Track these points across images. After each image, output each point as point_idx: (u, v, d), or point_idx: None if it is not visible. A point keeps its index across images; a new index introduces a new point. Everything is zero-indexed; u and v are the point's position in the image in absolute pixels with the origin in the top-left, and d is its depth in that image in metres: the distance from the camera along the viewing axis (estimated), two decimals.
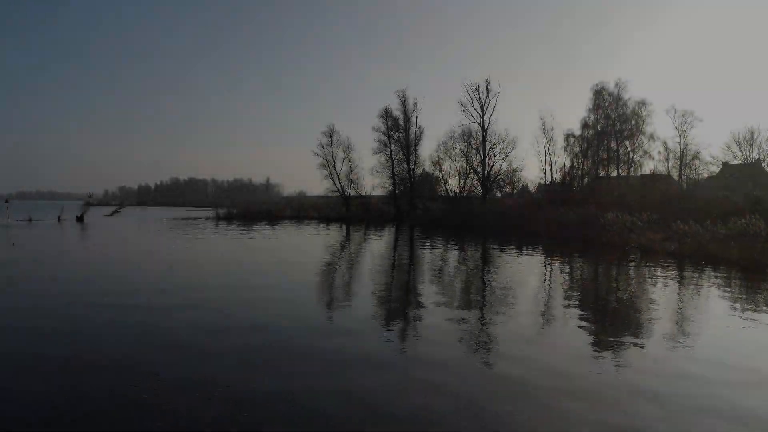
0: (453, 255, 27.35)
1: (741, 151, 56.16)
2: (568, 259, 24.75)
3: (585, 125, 58.22)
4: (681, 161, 48.45)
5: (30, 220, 50.80)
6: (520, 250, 28.88)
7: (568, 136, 57.01)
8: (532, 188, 73.86)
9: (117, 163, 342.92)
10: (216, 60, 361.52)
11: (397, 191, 55.30)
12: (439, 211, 51.95)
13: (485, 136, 52.44)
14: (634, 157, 51.56)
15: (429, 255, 26.90)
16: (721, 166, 56.41)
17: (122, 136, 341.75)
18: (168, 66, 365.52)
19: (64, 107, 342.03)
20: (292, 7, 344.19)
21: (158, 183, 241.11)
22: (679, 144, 48.05)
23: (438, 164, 59.67)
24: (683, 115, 47.93)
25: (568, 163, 56.53)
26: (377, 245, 31.67)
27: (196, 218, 58.53)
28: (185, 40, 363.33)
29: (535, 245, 30.43)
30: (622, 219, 25.25)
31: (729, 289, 16.02)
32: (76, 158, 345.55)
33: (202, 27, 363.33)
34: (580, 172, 55.33)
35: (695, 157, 49.07)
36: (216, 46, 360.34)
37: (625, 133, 49.85)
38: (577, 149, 58.44)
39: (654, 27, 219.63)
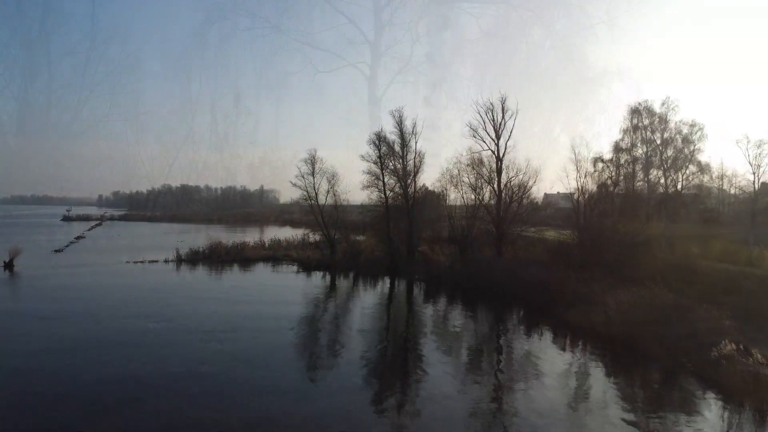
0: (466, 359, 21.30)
1: None
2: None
3: (617, 149, 48.91)
4: (754, 204, 38.15)
5: None
6: (562, 348, 21.20)
7: (596, 161, 47.65)
8: (538, 200, 64.13)
9: (114, 167, 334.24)
10: (214, 63, 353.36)
11: (391, 235, 45.10)
12: (445, 258, 42.33)
13: (500, 166, 42.40)
14: (683, 191, 41.99)
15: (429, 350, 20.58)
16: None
17: (120, 139, 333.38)
18: (166, 69, 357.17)
19: (61, 109, 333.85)
20: (296, 9, 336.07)
21: (150, 189, 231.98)
22: (754, 184, 37.56)
23: (442, 195, 50.27)
24: (758, 146, 37.10)
25: (595, 192, 47.15)
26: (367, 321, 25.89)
27: (153, 261, 49.00)
28: (185, 43, 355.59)
29: (583, 343, 21.42)
30: (753, 361, 15.38)
31: None
32: (73, 162, 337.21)
33: (203, 30, 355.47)
34: (611, 204, 45.88)
35: None
36: (216, 48, 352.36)
37: (678, 163, 40.03)
38: (606, 175, 49.33)
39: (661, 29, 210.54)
